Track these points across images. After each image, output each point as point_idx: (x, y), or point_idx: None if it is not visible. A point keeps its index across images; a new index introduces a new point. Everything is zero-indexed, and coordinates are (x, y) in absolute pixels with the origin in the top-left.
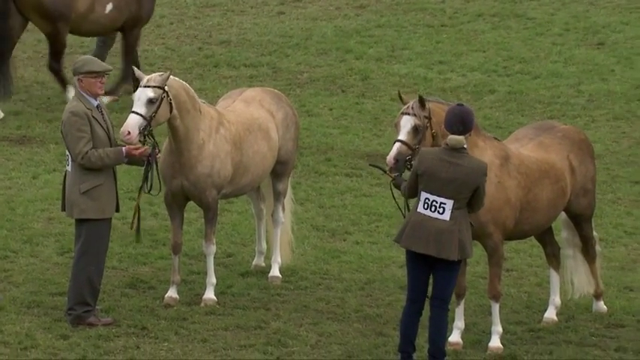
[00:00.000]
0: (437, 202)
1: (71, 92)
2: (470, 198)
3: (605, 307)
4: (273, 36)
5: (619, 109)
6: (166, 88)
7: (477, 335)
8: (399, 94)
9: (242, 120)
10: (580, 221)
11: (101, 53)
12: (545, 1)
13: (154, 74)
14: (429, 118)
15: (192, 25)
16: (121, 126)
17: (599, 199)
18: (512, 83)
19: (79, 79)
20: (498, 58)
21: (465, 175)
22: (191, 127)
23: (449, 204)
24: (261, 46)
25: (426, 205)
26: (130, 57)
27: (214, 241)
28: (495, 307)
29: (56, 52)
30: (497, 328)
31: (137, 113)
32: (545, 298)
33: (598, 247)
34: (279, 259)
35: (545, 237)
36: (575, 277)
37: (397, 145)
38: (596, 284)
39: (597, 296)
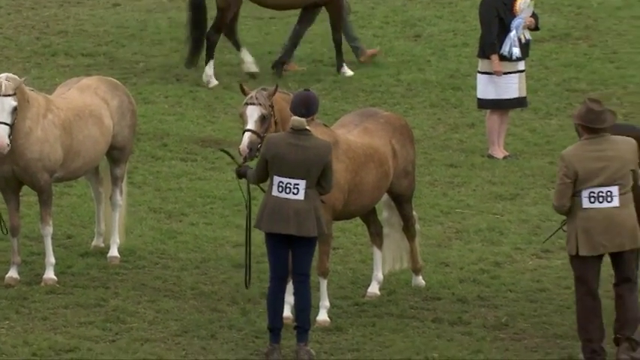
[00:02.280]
0: (290, 184)
1: (211, 69)
2: (319, 179)
3: (423, 281)
4: (110, 27)
5: (435, 97)
6: None
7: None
8: (241, 85)
9: (72, 106)
10: (401, 201)
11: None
12: None
13: None
14: (272, 106)
15: (29, 15)
16: None
17: (418, 181)
18: (337, 72)
19: None
20: (324, 48)
21: (313, 156)
22: (17, 118)
23: (302, 184)
24: (97, 36)
25: (280, 189)
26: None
27: (51, 223)
28: (323, 284)
29: (219, 24)
30: (325, 303)
31: None
32: (369, 274)
33: (417, 226)
34: (117, 240)
35: (369, 217)
36: (387, 254)
37: (248, 134)
38: (415, 260)
39: (416, 272)
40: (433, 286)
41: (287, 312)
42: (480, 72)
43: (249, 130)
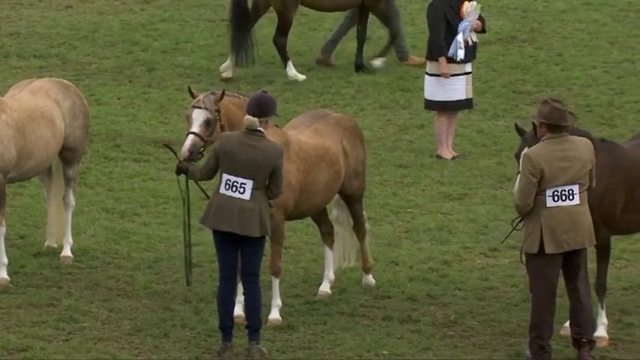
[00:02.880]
0: (238, 183)
1: (292, 69)
2: (269, 182)
3: (373, 280)
4: (62, 28)
5: (384, 98)
6: None
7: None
8: (189, 89)
9: (25, 108)
10: (352, 201)
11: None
12: None
13: None
14: (219, 111)
15: None
16: None
17: (368, 181)
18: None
19: None
20: (275, 51)
21: (263, 157)
22: None
23: (249, 184)
24: (50, 38)
25: (227, 186)
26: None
27: (4, 223)
28: (275, 283)
29: (283, 28)
30: (277, 302)
31: None
32: (320, 273)
33: (367, 225)
34: (70, 240)
35: (320, 217)
36: (336, 252)
37: (191, 137)
38: (366, 260)
39: (367, 271)
40: (383, 284)
41: (239, 311)
42: (428, 74)
43: (192, 133)
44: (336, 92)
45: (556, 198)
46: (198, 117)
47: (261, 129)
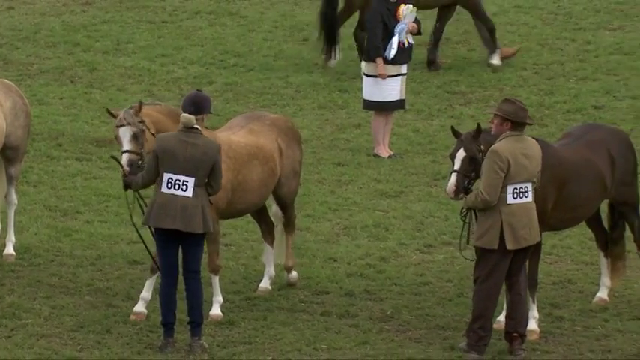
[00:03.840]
0: (180, 181)
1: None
2: (209, 178)
3: (296, 275)
4: (4, 29)
5: (323, 98)
6: None
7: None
8: (108, 110)
9: None
10: (287, 201)
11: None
12: (256, 1)
13: None
14: (143, 122)
15: None
16: None
17: (307, 179)
18: (228, 75)
19: None
20: (215, 52)
21: (202, 154)
22: None
23: (190, 181)
24: None
25: (169, 185)
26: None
27: None
28: (215, 280)
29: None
30: (218, 298)
31: None
32: (261, 270)
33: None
34: (13, 238)
35: (260, 214)
36: (276, 249)
37: (125, 155)
38: (289, 257)
39: (289, 269)
40: (322, 280)
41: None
42: (366, 75)
43: (126, 152)
44: (276, 92)
45: (515, 195)
46: (125, 134)
47: (197, 126)
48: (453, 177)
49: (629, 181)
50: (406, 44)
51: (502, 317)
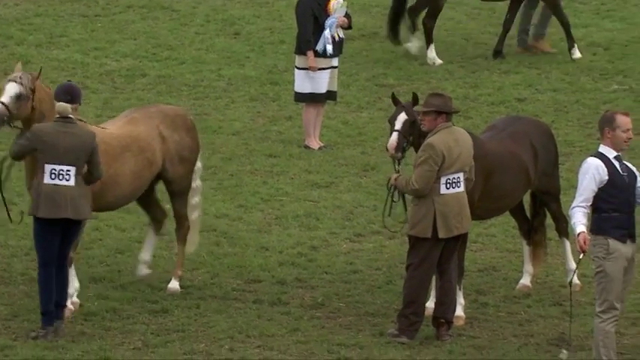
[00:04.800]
0: (63, 171)
1: (432, 52)
2: (88, 165)
3: (177, 286)
4: None
5: (254, 91)
6: None
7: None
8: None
9: None
10: (175, 192)
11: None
12: None
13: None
14: (33, 90)
15: None
16: None
17: (240, 170)
18: (161, 68)
19: None
20: (148, 45)
21: (81, 143)
22: None
23: (72, 170)
24: None
25: (53, 176)
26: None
27: None
28: (72, 271)
29: (433, 12)
30: (75, 284)
31: None
32: (194, 259)
33: (196, 214)
34: None
35: (148, 204)
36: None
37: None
38: (178, 265)
39: (176, 276)
40: (254, 269)
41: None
42: (297, 67)
43: (1, 103)
44: (208, 85)
45: (448, 186)
46: (11, 90)
47: (71, 116)
48: (394, 135)
49: (551, 171)
50: (337, 38)
51: (431, 303)
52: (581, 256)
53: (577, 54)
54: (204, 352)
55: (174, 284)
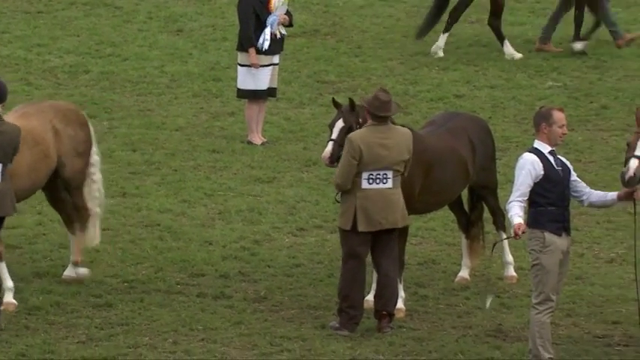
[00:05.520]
0: None
1: (509, 48)
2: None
3: (84, 270)
4: None
5: (197, 87)
6: None
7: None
8: None
9: None
10: (71, 186)
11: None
12: None
13: None
14: None
15: None
16: None
17: (183, 166)
18: (104, 64)
19: None
20: (91, 42)
21: (9, 140)
22: None
23: (0, 167)
24: None
25: None
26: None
27: None
28: (2, 265)
29: (496, 11)
30: (9, 284)
31: None
32: (139, 254)
33: (97, 210)
34: None
35: (57, 203)
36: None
37: None
38: (76, 253)
39: (75, 263)
40: (197, 263)
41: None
42: (239, 64)
43: None
44: (151, 82)
45: (370, 181)
46: None
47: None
48: (330, 145)
49: (488, 165)
50: (278, 35)
51: (371, 296)
52: (504, 237)
53: (579, 46)
54: (148, 346)
55: (74, 271)
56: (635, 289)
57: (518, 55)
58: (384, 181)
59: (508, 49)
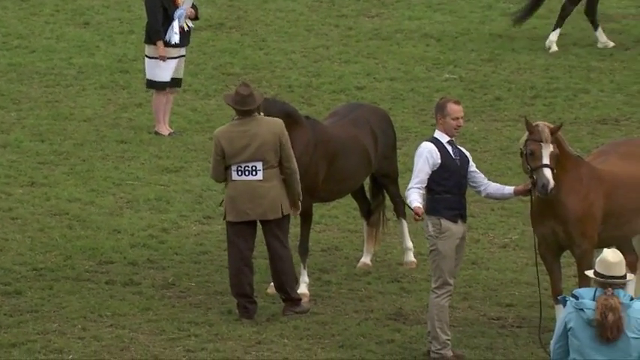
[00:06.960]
0: None
1: (555, 36)
2: None
3: None
4: None
5: (105, 79)
6: None
7: None
8: None
9: None
10: None
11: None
12: None
13: None
14: None
15: None
16: None
17: (91, 156)
18: (12, 56)
19: None
20: None
21: None
22: None
23: None
24: None
25: None
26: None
27: None
28: None
29: None
30: None
31: None
32: (47, 242)
33: None
34: None
35: None
36: None
37: None
38: None
39: None
40: (106, 251)
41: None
42: (147, 56)
43: None
44: (59, 73)
45: (239, 173)
46: None
47: None
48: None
49: (390, 154)
50: (185, 28)
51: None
52: (404, 224)
53: (603, 40)
54: (57, 332)
55: None
56: (527, 272)
57: (555, 49)
58: (254, 172)
59: (554, 36)
